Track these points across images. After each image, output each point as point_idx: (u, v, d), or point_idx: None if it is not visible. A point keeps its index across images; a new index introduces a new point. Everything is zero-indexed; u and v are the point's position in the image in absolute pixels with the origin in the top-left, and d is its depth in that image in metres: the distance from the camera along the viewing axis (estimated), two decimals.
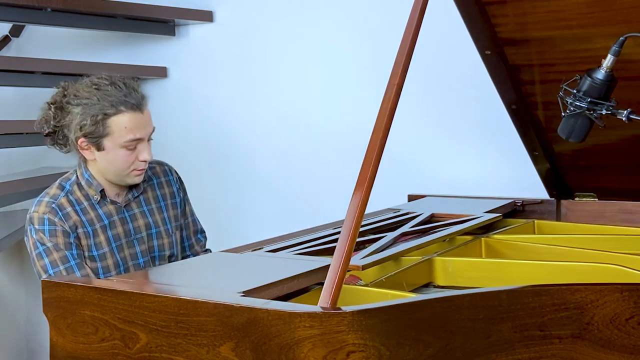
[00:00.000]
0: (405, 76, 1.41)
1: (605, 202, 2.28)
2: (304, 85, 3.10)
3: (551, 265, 1.65)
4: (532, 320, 1.22)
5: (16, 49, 3.78)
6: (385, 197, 2.33)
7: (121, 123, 1.94)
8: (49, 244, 1.94)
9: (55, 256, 1.94)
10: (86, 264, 1.98)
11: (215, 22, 3.31)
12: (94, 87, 1.96)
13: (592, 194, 2.32)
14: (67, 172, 2.10)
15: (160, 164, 2.22)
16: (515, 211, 2.37)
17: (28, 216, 1.99)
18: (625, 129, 1.80)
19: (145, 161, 2.01)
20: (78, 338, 1.37)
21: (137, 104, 1.97)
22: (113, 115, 1.94)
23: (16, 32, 3.76)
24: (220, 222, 2.68)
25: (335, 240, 1.31)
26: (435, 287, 1.70)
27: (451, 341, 1.18)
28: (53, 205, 1.97)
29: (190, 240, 2.26)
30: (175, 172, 2.24)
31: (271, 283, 1.39)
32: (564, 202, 2.35)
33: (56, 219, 1.95)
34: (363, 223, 1.91)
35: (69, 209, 1.99)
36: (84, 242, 1.99)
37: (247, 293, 1.30)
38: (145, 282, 1.49)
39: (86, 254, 1.99)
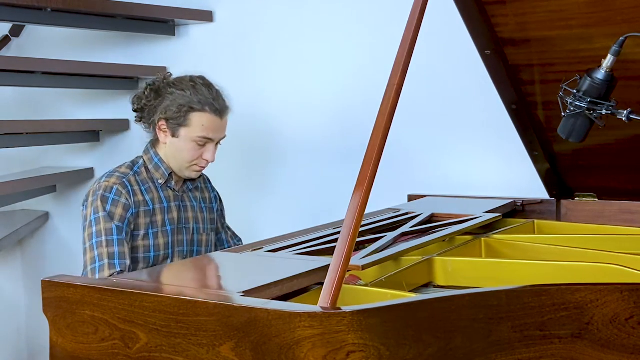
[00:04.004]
0: (405, 76, 1.41)
1: (605, 202, 2.28)
2: (303, 85, 3.10)
3: (551, 265, 1.65)
4: (532, 320, 1.22)
5: (16, 49, 3.78)
6: (385, 197, 2.33)
7: (201, 120, 2.18)
8: (102, 214, 2.08)
9: (102, 226, 2.07)
10: (140, 242, 2.14)
11: (215, 22, 3.31)
12: (191, 82, 2.20)
13: (592, 194, 2.32)
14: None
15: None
16: (515, 211, 2.37)
17: (96, 185, 2.14)
18: (625, 129, 1.80)
19: (207, 161, 2.23)
20: (78, 338, 1.37)
21: (220, 110, 2.21)
22: (197, 111, 2.17)
23: (16, 32, 3.76)
24: None
25: (335, 240, 1.31)
26: (435, 287, 1.70)
27: (451, 341, 1.18)
28: (124, 180, 2.15)
29: (229, 244, 2.47)
30: (210, 182, 2.47)
31: (271, 283, 1.39)
32: (564, 202, 2.35)
33: (124, 191, 2.12)
34: (363, 223, 1.91)
35: (136, 187, 2.17)
36: (142, 220, 2.15)
37: (247, 293, 1.30)
38: (145, 282, 1.48)
39: (142, 232, 2.15)
